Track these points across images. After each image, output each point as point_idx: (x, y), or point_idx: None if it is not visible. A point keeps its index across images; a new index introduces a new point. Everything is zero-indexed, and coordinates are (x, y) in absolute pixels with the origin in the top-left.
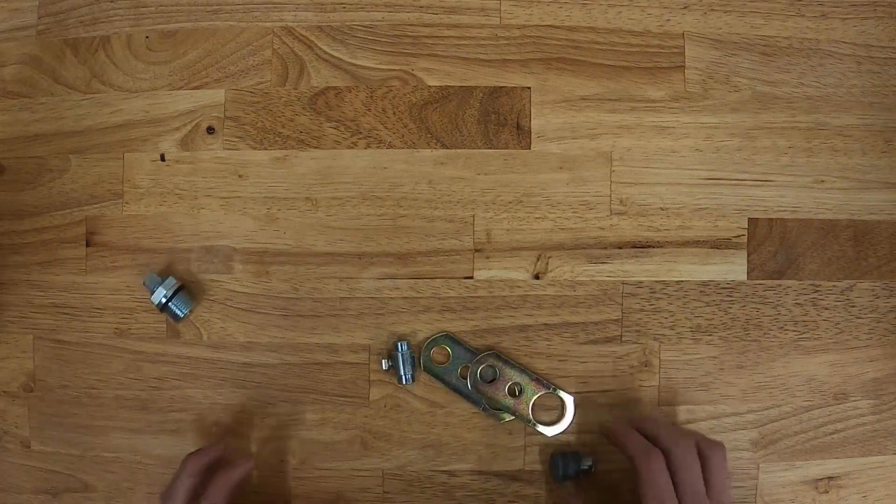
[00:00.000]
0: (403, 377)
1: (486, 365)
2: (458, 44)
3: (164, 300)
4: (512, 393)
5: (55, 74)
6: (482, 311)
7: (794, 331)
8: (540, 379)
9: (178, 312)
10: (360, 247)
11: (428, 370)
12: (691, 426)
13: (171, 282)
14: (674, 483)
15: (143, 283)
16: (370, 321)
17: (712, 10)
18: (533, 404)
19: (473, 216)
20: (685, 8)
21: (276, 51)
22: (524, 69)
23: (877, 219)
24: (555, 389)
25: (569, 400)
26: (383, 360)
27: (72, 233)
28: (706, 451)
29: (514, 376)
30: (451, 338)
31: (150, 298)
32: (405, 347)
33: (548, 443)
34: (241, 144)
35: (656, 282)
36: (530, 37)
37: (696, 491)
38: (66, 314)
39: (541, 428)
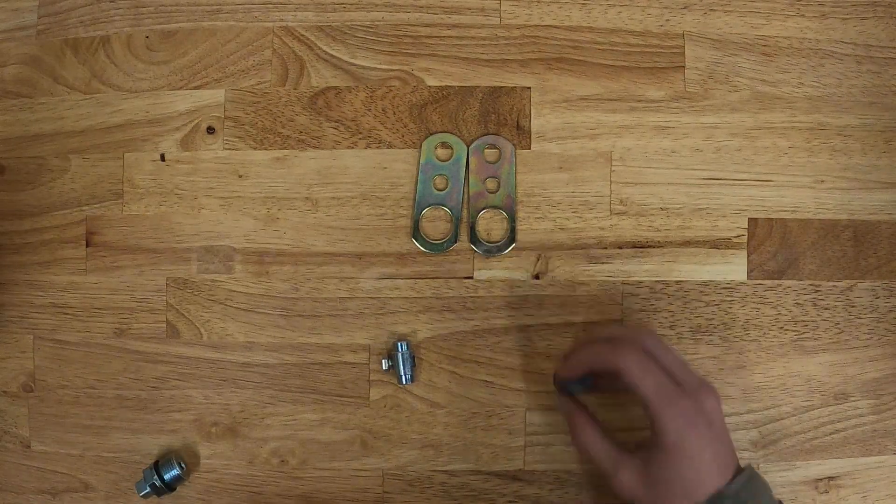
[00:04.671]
0: (403, 377)
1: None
2: (458, 44)
3: (156, 483)
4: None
5: (55, 74)
6: (482, 311)
7: (794, 331)
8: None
9: (173, 481)
10: (360, 247)
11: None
12: None
13: (151, 474)
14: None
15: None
16: (370, 321)
17: (712, 10)
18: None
19: (478, 217)
20: (685, 8)
21: (276, 51)
22: (524, 69)
23: (877, 219)
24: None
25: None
26: (383, 360)
27: (72, 233)
28: (643, 343)
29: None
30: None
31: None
32: (405, 347)
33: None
34: (241, 144)
35: (656, 282)
36: (530, 37)
37: (681, 366)
38: (66, 314)
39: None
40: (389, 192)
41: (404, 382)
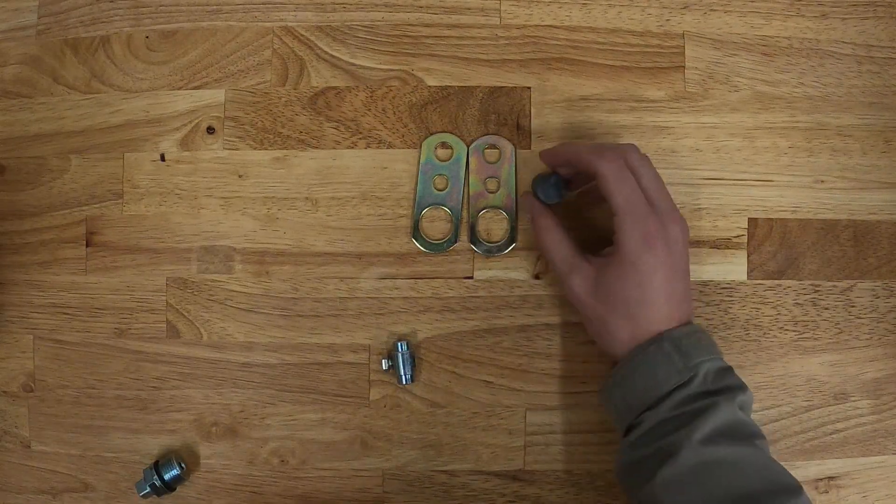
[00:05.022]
0: (403, 377)
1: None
2: (458, 44)
3: (156, 483)
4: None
5: (55, 74)
6: (482, 311)
7: (794, 331)
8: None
9: (173, 481)
10: (360, 247)
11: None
12: None
13: (151, 474)
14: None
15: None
16: (370, 321)
17: (712, 10)
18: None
19: (478, 217)
20: (685, 8)
21: (276, 51)
22: (524, 69)
23: (877, 219)
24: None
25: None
26: (383, 360)
27: (72, 233)
28: (626, 158)
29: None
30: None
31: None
32: (405, 347)
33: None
34: (241, 144)
35: None
36: (530, 37)
37: (658, 188)
38: (66, 314)
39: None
40: (389, 192)
41: (404, 382)
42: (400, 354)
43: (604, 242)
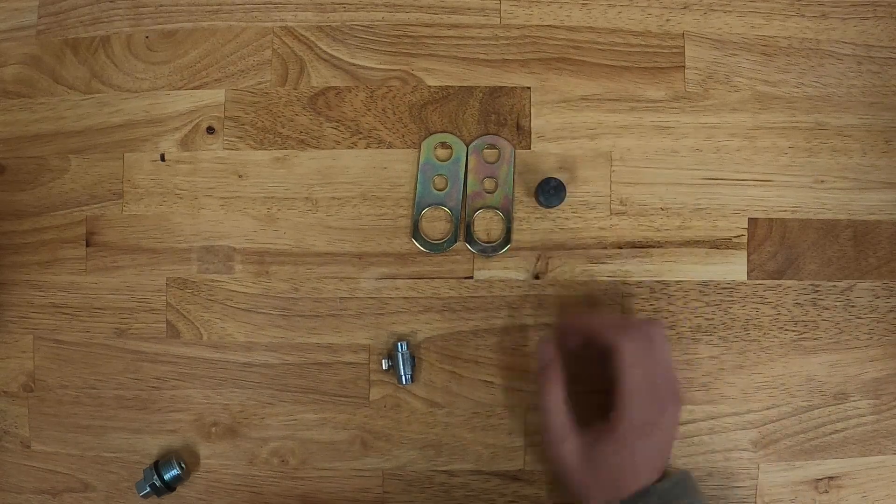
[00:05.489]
0: (403, 377)
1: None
2: (458, 44)
3: (156, 483)
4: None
5: (55, 74)
6: (482, 311)
7: (793, 331)
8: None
9: (173, 481)
10: (360, 247)
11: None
12: (691, 426)
13: (151, 473)
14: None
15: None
16: (370, 321)
17: (712, 10)
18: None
19: (474, 216)
20: (685, 8)
21: (276, 51)
22: (524, 69)
23: (877, 219)
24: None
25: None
26: (383, 360)
27: (72, 233)
28: (647, 333)
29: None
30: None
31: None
32: (405, 347)
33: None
34: (241, 144)
35: (656, 282)
36: (530, 37)
37: (666, 371)
38: (66, 314)
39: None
40: (389, 192)
41: (404, 382)
42: (400, 354)
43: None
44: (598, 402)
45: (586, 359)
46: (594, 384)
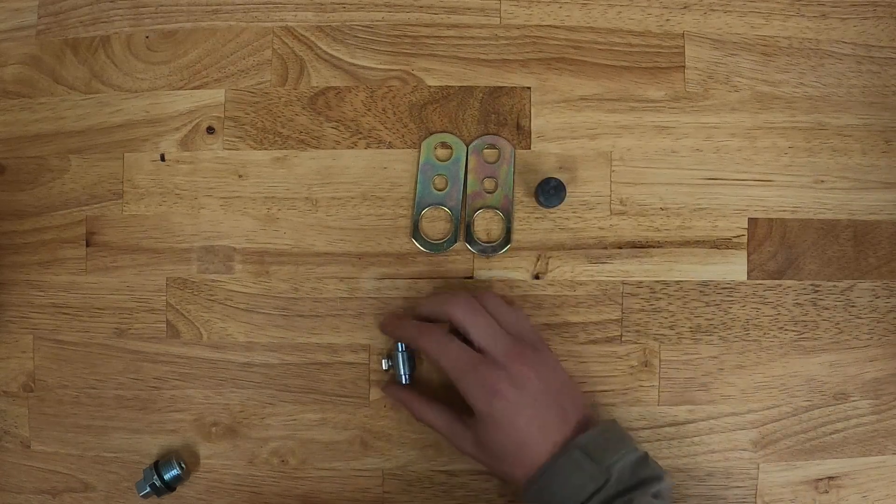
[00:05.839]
0: (403, 377)
1: None
2: (458, 44)
3: (156, 483)
4: None
5: (55, 74)
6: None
7: (794, 331)
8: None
9: (173, 481)
10: (360, 247)
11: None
12: (691, 426)
13: (150, 473)
14: (476, 336)
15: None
16: (370, 321)
17: (712, 10)
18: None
19: (474, 216)
20: (685, 8)
21: (276, 51)
22: (524, 69)
23: (877, 219)
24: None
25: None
26: (383, 360)
27: (72, 233)
28: (480, 299)
29: None
30: None
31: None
32: (404, 347)
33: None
34: (241, 144)
35: (656, 282)
36: (530, 37)
37: (490, 334)
38: (66, 314)
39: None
40: (389, 192)
41: (404, 382)
42: (399, 354)
43: None
44: None
45: None
46: None
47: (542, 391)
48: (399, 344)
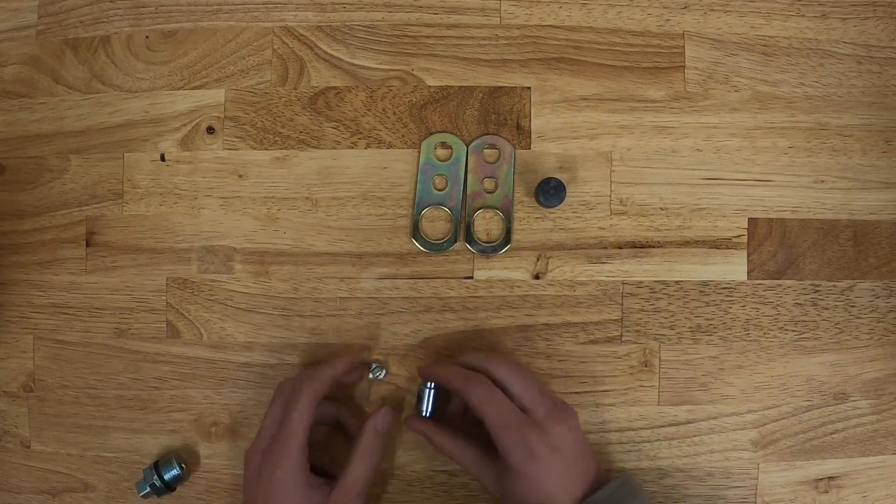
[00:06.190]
0: (425, 411)
1: None
2: (458, 44)
3: (156, 483)
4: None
5: (55, 74)
6: (482, 311)
7: (794, 331)
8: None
9: (173, 481)
10: (360, 247)
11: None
12: (691, 426)
13: (150, 473)
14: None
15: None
16: (370, 321)
17: (712, 10)
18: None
19: (474, 216)
20: (685, 8)
21: (276, 51)
22: (524, 69)
23: (877, 219)
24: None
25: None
26: (375, 367)
27: (72, 233)
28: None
29: None
30: None
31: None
32: (433, 386)
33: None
34: (241, 144)
35: (656, 282)
36: (530, 37)
37: (531, 395)
38: (66, 314)
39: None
40: (389, 192)
41: (424, 415)
42: (428, 391)
43: None
44: None
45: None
46: None
47: (573, 452)
48: (429, 382)
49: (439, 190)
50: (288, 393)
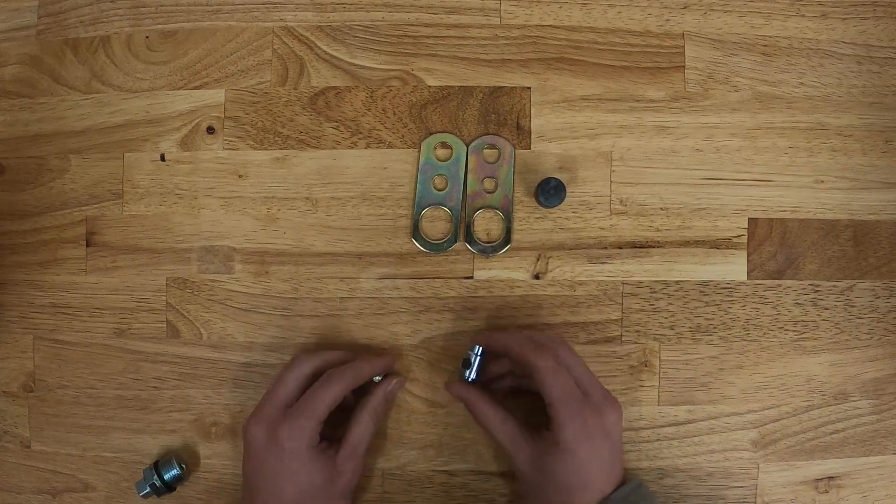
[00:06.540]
0: (470, 377)
1: None
2: (458, 44)
3: (156, 483)
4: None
5: (55, 74)
6: (482, 311)
7: (794, 331)
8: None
9: (173, 481)
10: (360, 247)
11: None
12: (691, 426)
13: (150, 473)
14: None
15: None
16: (370, 321)
17: (712, 10)
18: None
19: (474, 216)
20: (685, 8)
21: (276, 51)
22: (524, 69)
23: (877, 219)
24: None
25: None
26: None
27: (72, 233)
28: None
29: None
30: None
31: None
32: (480, 351)
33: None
34: (241, 144)
35: (656, 282)
36: (530, 37)
37: (591, 379)
38: (66, 314)
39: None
40: (389, 192)
41: (467, 380)
42: (475, 357)
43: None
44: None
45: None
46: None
47: (618, 442)
48: (477, 347)
49: (439, 190)
50: (317, 368)
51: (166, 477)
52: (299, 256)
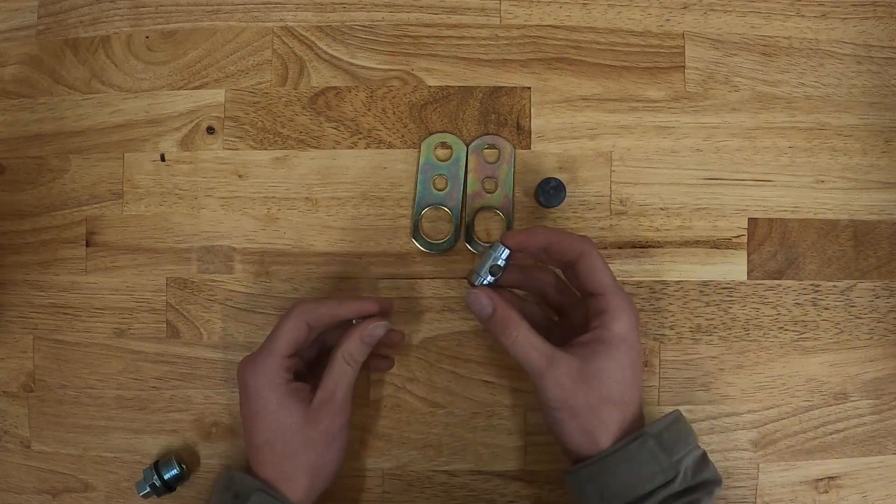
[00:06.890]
0: (480, 277)
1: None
2: (458, 44)
3: (156, 483)
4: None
5: (55, 74)
6: None
7: (794, 331)
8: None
9: (173, 481)
10: (360, 247)
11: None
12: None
13: (150, 473)
14: None
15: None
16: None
17: (712, 10)
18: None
19: (474, 216)
20: (685, 8)
21: (276, 51)
22: (524, 69)
23: (877, 219)
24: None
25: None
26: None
27: (72, 233)
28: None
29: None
30: None
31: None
32: (507, 257)
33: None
34: (241, 144)
35: (656, 282)
36: (530, 37)
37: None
38: (66, 314)
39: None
40: (389, 192)
41: (477, 283)
42: (502, 256)
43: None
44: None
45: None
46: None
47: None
48: (502, 250)
49: (439, 190)
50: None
51: (166, 477)
52: (299, 256)
